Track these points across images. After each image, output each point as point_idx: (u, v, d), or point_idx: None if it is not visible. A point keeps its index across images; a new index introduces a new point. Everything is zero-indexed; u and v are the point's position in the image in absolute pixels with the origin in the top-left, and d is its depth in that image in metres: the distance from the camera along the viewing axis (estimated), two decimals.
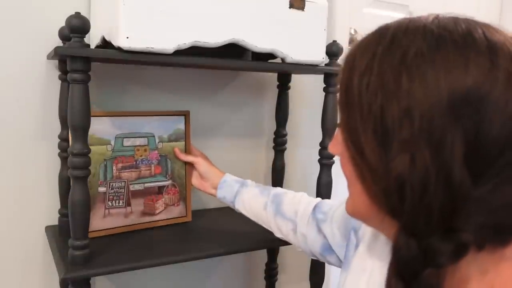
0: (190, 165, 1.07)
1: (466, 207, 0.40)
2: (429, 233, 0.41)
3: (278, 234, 0.91)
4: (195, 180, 1.05)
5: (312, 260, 1.13)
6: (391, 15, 1.48)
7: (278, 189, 0.95)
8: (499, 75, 0.40)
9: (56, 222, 1.04)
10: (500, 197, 0.41)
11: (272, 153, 1.28)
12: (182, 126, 1.08)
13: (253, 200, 0.94)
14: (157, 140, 1.04)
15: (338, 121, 0.51)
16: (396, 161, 0.41)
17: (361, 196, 0.48)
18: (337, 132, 0.54)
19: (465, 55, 0.40)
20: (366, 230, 0.66)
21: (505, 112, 0.39)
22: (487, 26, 0.44)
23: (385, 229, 0.51)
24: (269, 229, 0.93)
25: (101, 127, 0.96)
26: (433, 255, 0.40)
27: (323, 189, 1.07)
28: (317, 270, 1.13)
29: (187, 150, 1.08)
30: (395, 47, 0.43)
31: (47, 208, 1.05)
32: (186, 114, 1.08)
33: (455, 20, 0.44)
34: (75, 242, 0.82)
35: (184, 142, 1.08)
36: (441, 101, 0.39)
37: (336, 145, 0.53)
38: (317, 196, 1.08)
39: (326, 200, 0.88)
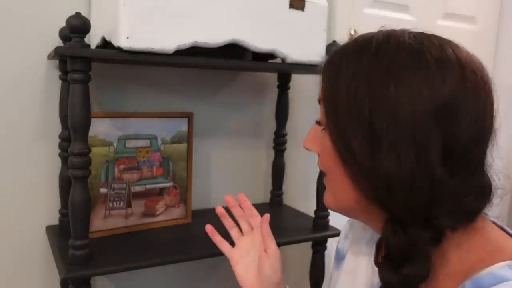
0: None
1: (442, 199, 0.47)
2: (413, 222, 0.48)
3: None
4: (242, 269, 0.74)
5: (312, 260, 1.13)
6: (391, 15, 1.48)
7: None
8: (468, 85, 0.47)
9: (56, 222, 1.04)
10: (468, 188, 0.48)
11: (272, 153, 1.28)
12: (185, 128, 1.07)
13: None
14: (159, 142, 1.04)
15: (319, 119, 0.56)
16: (384, 161, 0.47)
17: (348, 190, 0.52)
18: (315, 129, 0.58)
19: (441, 68, 0.47)
20: (354, 234, 0.71)
21: (472, 117, 0.47)
22: (452, 43, 0.51)
23: (372, 220, 0.56)
24: None
25: (104, 129, 0.96)
26: (417, 243, 0.47)
27: (323, 189, 1.07)
28: (317, 270, 1.13)
29: (189, 154, 1.08)
30: (381, 58, 0.48)
31: (47, 208, 1.05)
32: (189, 116, 1.08)
33: (428, 37, 0.50)
34: (75, 242, 0.82)
35: (186, 144, 1.08)
36: (424, 108, 0.46)
37: (314, 142, 0.58)
38: (317, 195, 1.08)
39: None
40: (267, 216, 0.74)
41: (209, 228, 0.80)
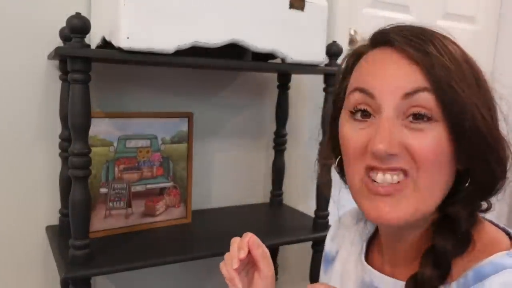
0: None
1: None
2: (484, 195, 0.52)
3: None
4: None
5: (312, 260, 1.13)
6: (391, 15, 1.48)
7: None
8: (470, 63, 0.52)
9: (56, 222, 1.04)
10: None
11: (272, 153, 1.28)
12: (185, 128, 1.08)
13: None
14: (159, 142, 1.04)
15: (420, 111, 0.48)
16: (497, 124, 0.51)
17: (441, 189, 0.51)
18: (390, 128, 0.48)
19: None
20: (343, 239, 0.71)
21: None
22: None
23: (421, 226, 0.54)
24: None
25: (104, 129, 0.96)
26: (474, 214, 0.52)
27: (323, 189, 1.07)
28: (317, 270, 1.13)
29: (189, 154, 1.08)
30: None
31: (47, 208, 1.05)
32: (189, 116, 1.08)
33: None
34: (75, 242, 0.82)
35: (186, 144, 1.08)
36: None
37: (426, 138, 0.49)
38: (317, 195, 1.08)
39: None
40: (253, 238, 0.67)
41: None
